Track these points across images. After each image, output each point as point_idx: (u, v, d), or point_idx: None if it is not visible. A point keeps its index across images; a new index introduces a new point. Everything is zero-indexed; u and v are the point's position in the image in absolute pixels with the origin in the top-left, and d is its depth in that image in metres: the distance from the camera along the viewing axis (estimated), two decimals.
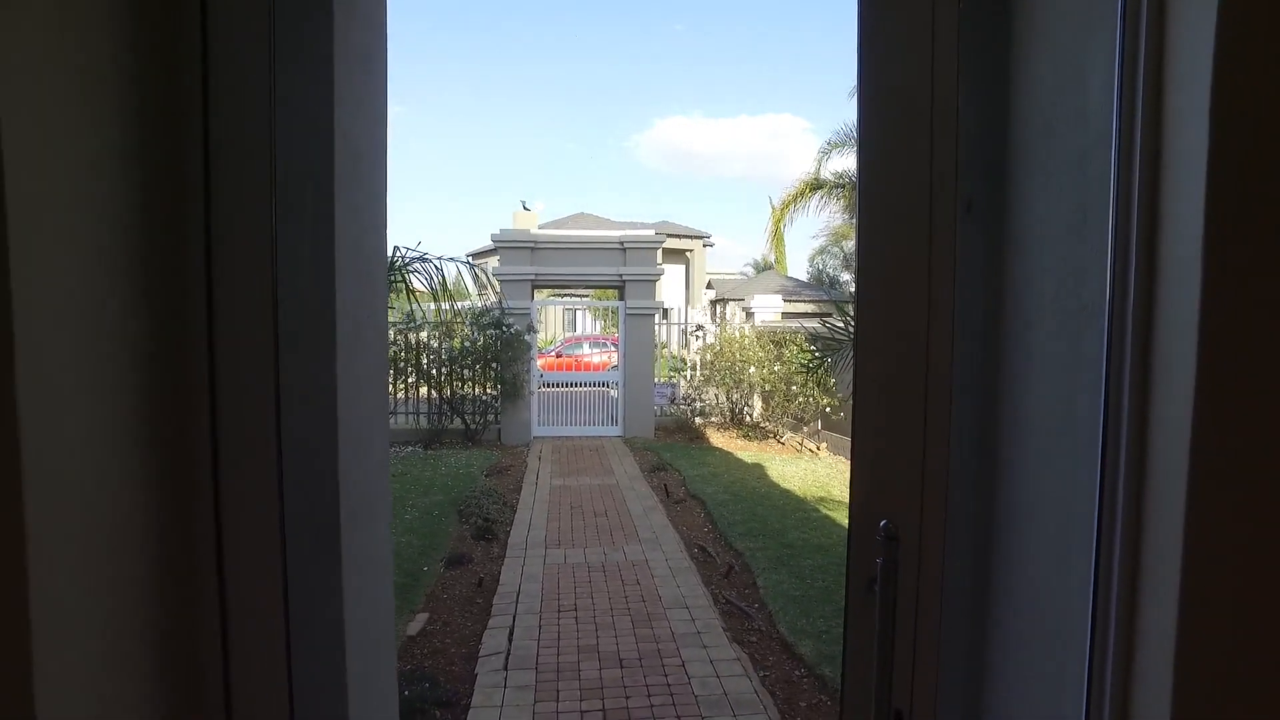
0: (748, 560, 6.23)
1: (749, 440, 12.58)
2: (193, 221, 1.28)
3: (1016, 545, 1.41)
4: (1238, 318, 1.04)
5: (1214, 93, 1.01)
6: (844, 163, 15.05)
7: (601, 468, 10.45)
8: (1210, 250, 1.02)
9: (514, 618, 5.07)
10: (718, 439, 12.68)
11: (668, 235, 17.99)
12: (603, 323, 24.93)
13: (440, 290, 8.81)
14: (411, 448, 11.17)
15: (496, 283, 11.37)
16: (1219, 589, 1.06)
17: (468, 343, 12.16)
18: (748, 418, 13.48)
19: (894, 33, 1.30)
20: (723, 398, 13.69)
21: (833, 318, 11.70)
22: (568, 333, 26.23)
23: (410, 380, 12.13)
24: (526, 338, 12.26)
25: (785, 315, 16.99)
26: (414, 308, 10.66)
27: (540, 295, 14.16)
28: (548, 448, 11.90)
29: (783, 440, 12.62)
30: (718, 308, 22.62)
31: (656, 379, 13.99)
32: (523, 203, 16.86)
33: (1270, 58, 1.00)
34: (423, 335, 11.99)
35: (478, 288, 11.87)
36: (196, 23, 1.28)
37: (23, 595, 0.93)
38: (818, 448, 11.85)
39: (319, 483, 1.41)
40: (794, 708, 4.00)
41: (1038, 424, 1.36)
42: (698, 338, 16.82)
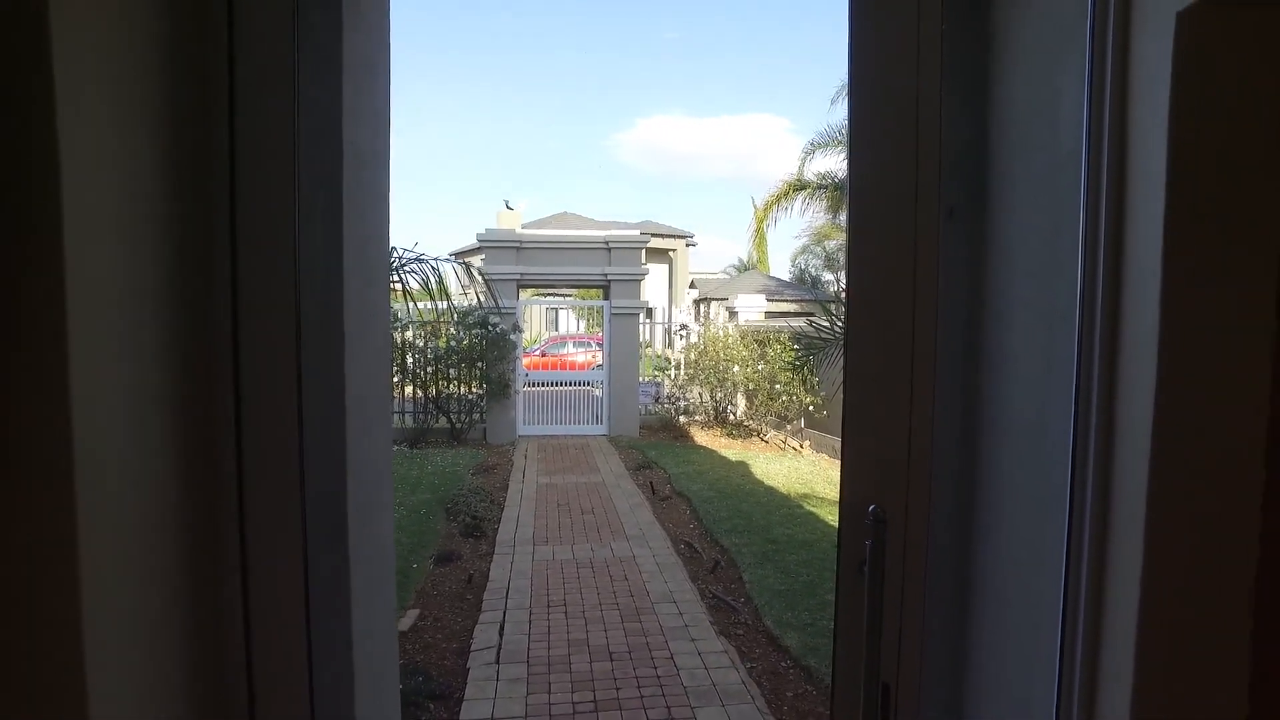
0: (733, 556, 6.32)
1: (733, 438, 12.69)
2: (220, 223, 1.36)
3: (997, 532, 1.50)
4: (1194, 321, 1.14)
5: (1171, 115, 1.10)
6: (826, 164, 15.22)
7: (587, 466, 10.52)
8: (1169, 259, 1.12)
9: (504, 613, 5.13)
10: (702, 437, 12.78)
11: (651, 235, 18.07)
12: (586, 322, 24.97)
13: (438, 290, 8.86)
14: (397, 447, 11.18)
15: (481, 281, 11.40)
16: (1176, 575, 1.16)
17: (453, 342, 12.19)
18: (732, 416, 13.60)
19: (881, 52, 1.39)
20: (707, 396, 13.79)
21: (816, 317, 11.84)
22: (551, 332, 26.25)
23: (396, 379, 12.15)
24: (512, 337, 12.30)
25: (768, 314, 17.12)
26: (406, 307, 10.69)
27: (524, 295, 14.19)
28: (533, 446, 11.95)
29: (766, 438, 12.74)
30: (701, 307, 22.76)
31: (641, 378, 14.06)
32: (506, 202, 16.89)
33: (1221, 85, 1.10)
34: (408, 335, 12.01)
35: (461, 287, 11.90)
36: (224, 34, 1.35)
37: (74, 575, 1.00)
38: (801, 446, 11.98)
39: (329, 476, 1.48)
40: (780, 697, 4.09)
41: (1016, 418, 1.45)
42: (682, 337, 16.91)
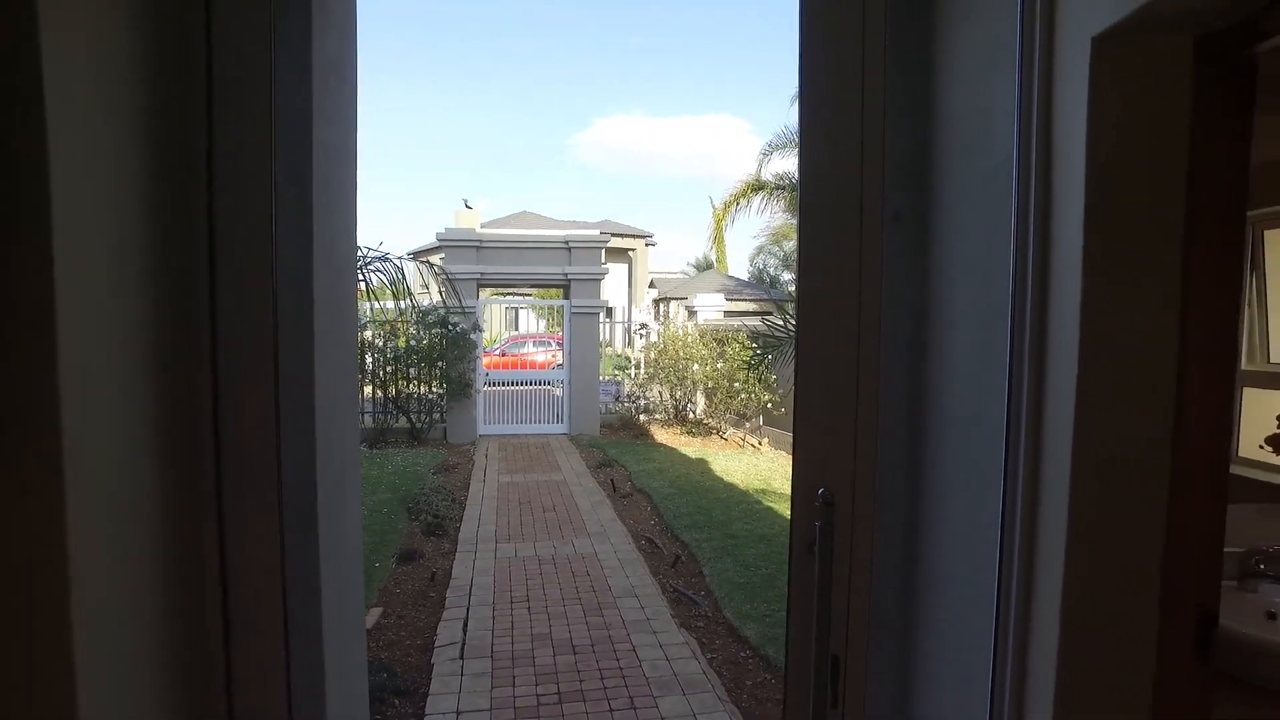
0: (694, 551, 6.44)
1: (693, 436, 12.82)
2: (199, 224, 1.43)
3: (942, 513, 1.62)
4: (1109, 318, 1.27)
5: (1089, 130, 1.23)
6: (784, 165, 15.42)
7: (549, 464, 10.57)
8: (1088, 261, 1.25)
9: (468, 610, 5.18)
10: (662, 435, 12.89)
11: (611, 234, 18.14)
12: (547, 321, 24.96)
13: (402, 289, 8.86)
14: None
15: (442, 281, 11.37)
16: (1096, 548, 1.29)
17: (413, 341, 12.14)
18: (691, 414, 13.73)
19: (829, 69, 1.50)
20: (667, 395, 13.91)
21: (773, 316, 12.03)
22: (511, 331, 26.17)
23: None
24: (472, 336, 12.28)
25: (727, 313, 17.29)
26: (369, 306, 10.63)
27: (484, 294, 14.18)
28: (494, 446, 11.95)
29: (726, 436, 12.90)
30: (661, 306, 22.88)
31: (601, 377, 14.14)
32: (465, 201, 16.81)
33: (1130, 103, 1.23)
34: (367, 334, 11.93)
35: (421, 285, 11.86)
36: (201, 38, 1.42)
37: (63, 559, 1.06)
38: (760, 443, 12.16)
39: (299, 470, 1.55)
40: (740, 685, 4.21)
41: (958, 408, 1.57)
42: (642, 336, 17.03)
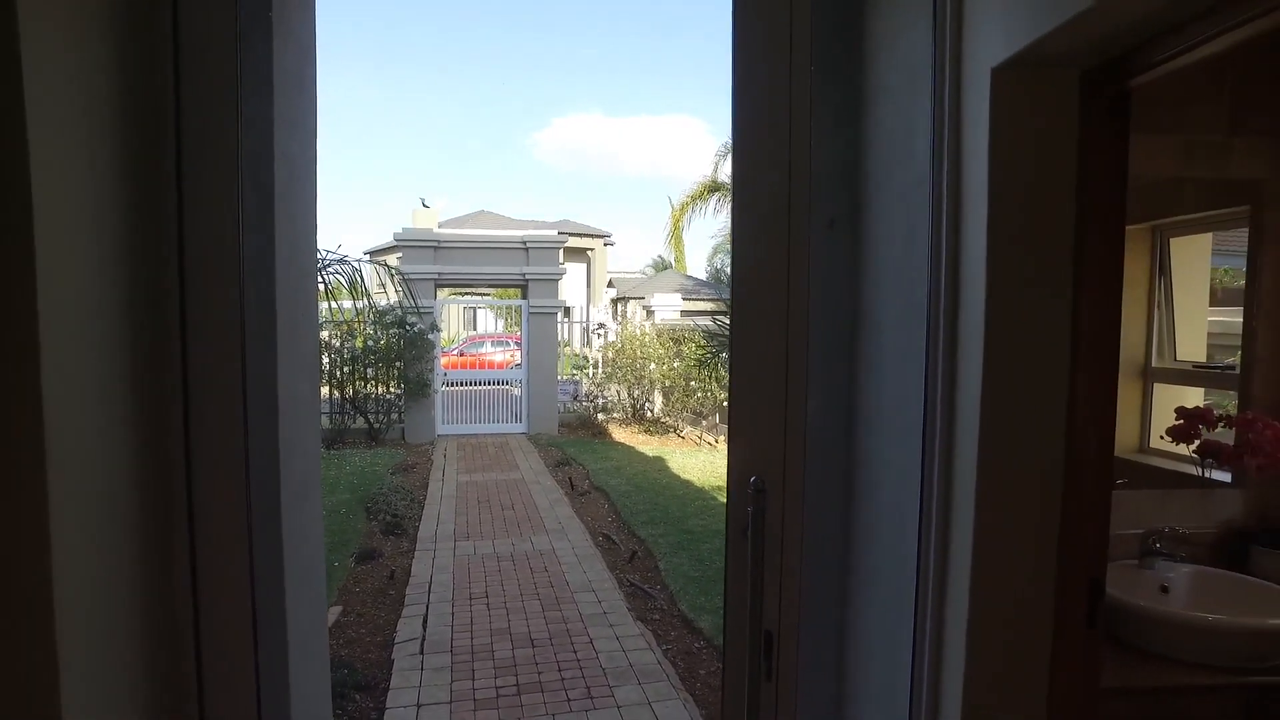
0: (650, 546, 6.57)
1: (650, 435, 12.96)
2: (169, 231, 1.51)
3: (873, 499, 1.76)
4: (1009, 319, 1.42)
5: (990, 150, 1.38)
6: None
7: (507, 464, 10.62)
8: (991, 268, 1.40)
9: (427, 606, 5.25)
10: (620, 434, 13.01)
11: (569, 234, 18.20)
12: (505, 321, 24.91)
13: (360, 291, 8.85)
14: None
15: (400, 281, 11.35)
16: (1000, 529, 1.45)
17: (370, 342, 12.09)
18: (649, 413, 13.87)
19: (759, 90, 1.62)
20: (624, 394, 14.03)
21: (725, 316, 12.22)
22: (469, 331, 26.05)
23: None
24: (430, 336, 12.27)
25: (684, 313, 17.45)
26: (328, 306, 10.57)
27: (442, 294, 14.15)
28: (453, 445, 11.97)
29: (683, 434, 13.06)
30: (619, 306, 22.97)
31: (560, 377, 14.20)
32: (422, 200, 16.71)
33: (1023, 127, 1.38)
34: (324, 335, 11.85)
35: (378, 285, 11.82)
36: (169, 50, 1.50)
37: (45, 546, 1.14)
38: (716, 441, 12.33)
39: (263, 468, 1.64)
40: (694, 674, 4.35)
41: (886, 401, 1.72)
42: (600, 336, 17.12)
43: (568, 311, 18.77)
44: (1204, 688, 1.84)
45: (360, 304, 10.54)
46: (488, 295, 18.08)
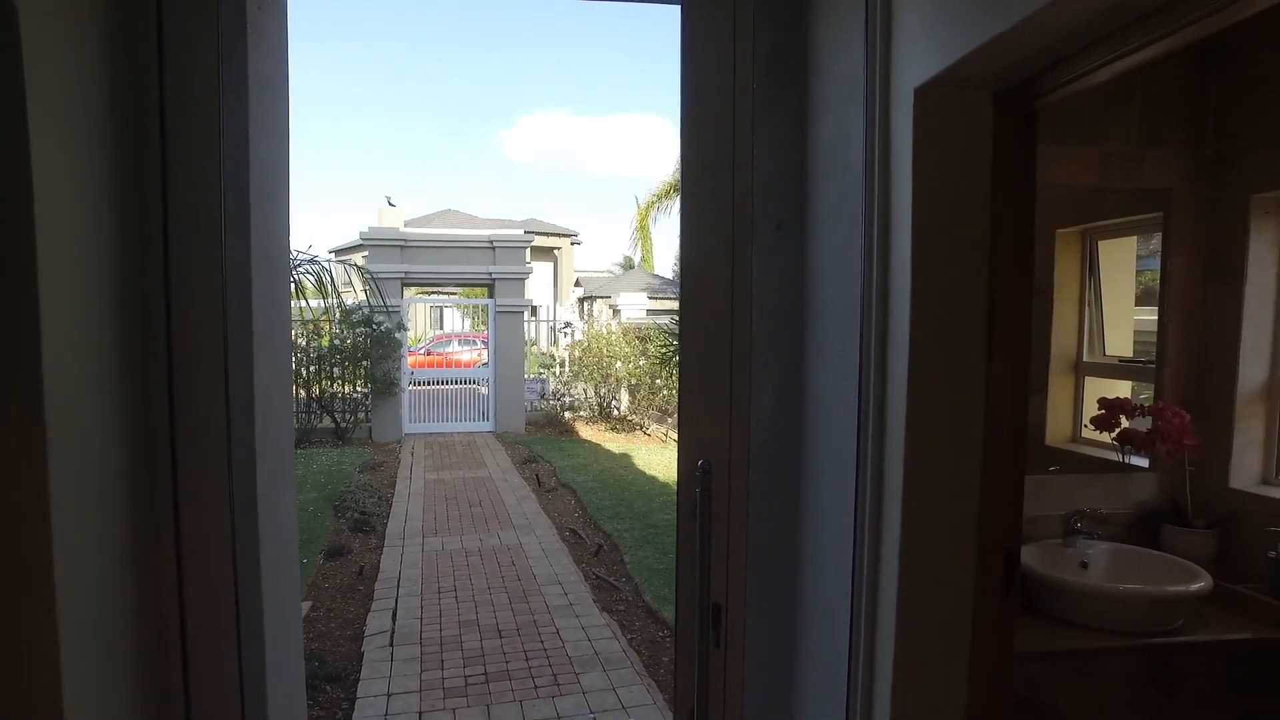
0: (616, 540, 6.70)
1: (617, 432, 13.08)
2: (154, 233, 1.60)
3: (819, 479, 1.91)
4: (932, 316, 1.57)
5: (913, 161, 1.53)
6: None
7: (474, 461, 10.69)
8: (915, 265, 1.55)
9: (396, 600, 5.33)
10: (587, 432, 13.11)
11: (536, 233, 18.26)
12: (472, 320, 24.85)
13: (328, 290, 8.86)
14: None
15: (366, 280, 11.33)
16: (925, 498, 1.60)
17: (337, 341, 12.07)
18: (615, 411, 13.99)
19: (705, 108, 1.75)
20: (591, 392, 14.13)
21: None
22: (436, 330, 25.95)
23: None
24: (397, 335, 12.27)
25: (651, 312, 17.59)
26: (297, 305, 10.53)
27: (409, 293, 14.15)
28: (420, 444, 11.99)
29: (648, 431, 13.19)
30: (586, 305, 23.05)
31: (526, 375, 14.27)
32: (388, 198, 16.65)
33: (942, 142, 1.53)
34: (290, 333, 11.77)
35: (343, 284, 11.78)
36: (155, 58, 1.59)
37: (46, 534, 1.24)
38: None
39: (241, 462, 1.73)
40: (658, 661, 4.49)
41: (830, 390, 1.86)
42: (566, 334, 17.20)
43: (534, 310, 18.83)
44: (1114, 649, 2.03)
45: (330, 303, 10.52)
46: (454, 294, 18.07)
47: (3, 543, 1.22)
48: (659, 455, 10.91)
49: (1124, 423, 2.55)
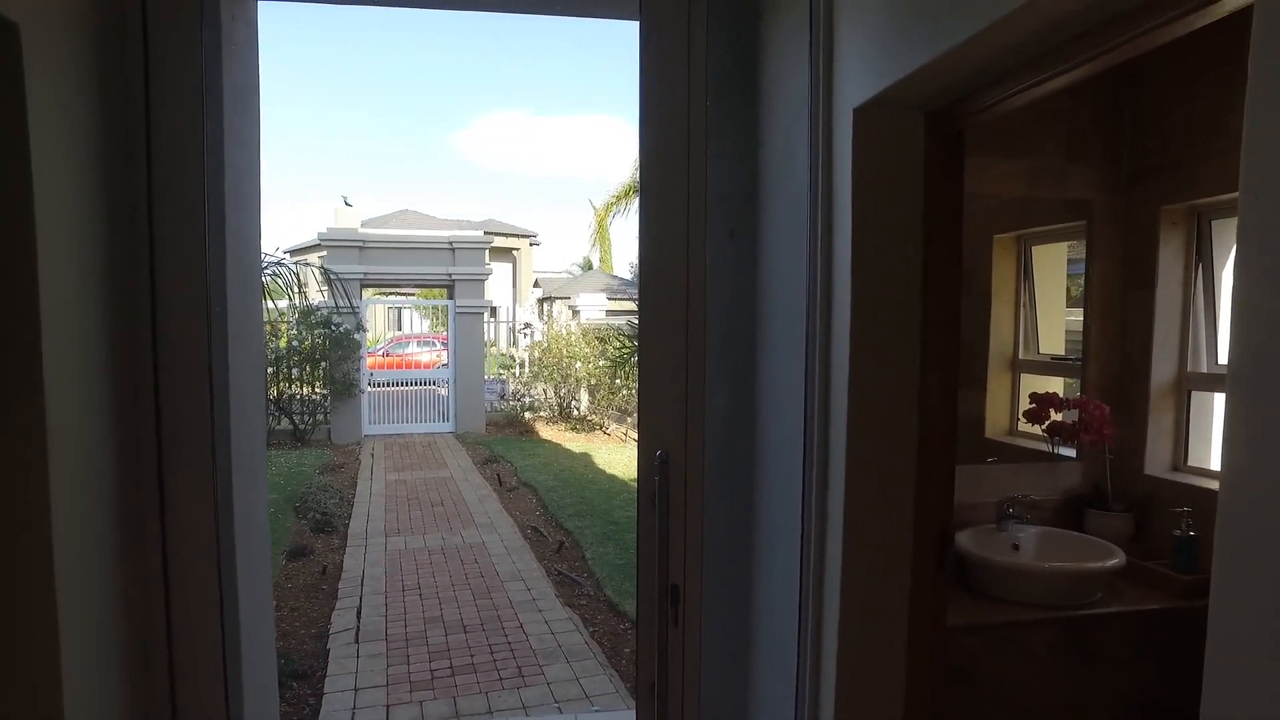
0: (577, 537, 6.80)
1: (577, 432, 13.16)
2: (140, 237, 1.68)
3: (771, 468, 2.05)
4: (870, 316, 1.72)
5: (853, 178, 1.68)
6: None
7: (435, 462, 10.70)
8: (855, 272, 1.69)
9: (360, 598, 5.37)
10: (547, 432, 13.17)
11: (495, 234, 18.26)
12: (431, 321, 24.69)
13: (291, 291, 8.83)
14: None
15: (325, 280, 11.25)
16: (866, 483, 1.74)
17: (295, 342, 11.97)
18: (575, 411, 14.06)
19: (662, 116, 1.87)
20: (551, 392, 14.18)
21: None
22: (395, 331, 25.71)
23: None
24: (356, 336, 12.20)
25: (610, 313, 17.70)
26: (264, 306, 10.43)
27: (367, 294, 14.07)
28: (380, 445, 11.95)
29: (608, 431, 13.29)
30: (545, 306, 23.08)
31: (486, 376, 14.27)
32: (344, 199, 16.44)
33: (878, 160, 1.68)
34: None
35: (298, 286, 11.69)
36: (140, 67, 1.67)
37: (46, 525, 1.32)
38: None
39: (220, 455, 1.82)
40: (619, 653, 4.61)
41: (781, 385, 2.01)
42: (526, 335, 17.23)
43: (494, 311, 18.83)
44: (1041, 621, 2.22)
45: (297, 303, 10.45)
46: (414, 295, 17.98)
47: (5, 541, 1.29)
48: (619, 454, 11.02)
49: (1053, 415, 2.75)
